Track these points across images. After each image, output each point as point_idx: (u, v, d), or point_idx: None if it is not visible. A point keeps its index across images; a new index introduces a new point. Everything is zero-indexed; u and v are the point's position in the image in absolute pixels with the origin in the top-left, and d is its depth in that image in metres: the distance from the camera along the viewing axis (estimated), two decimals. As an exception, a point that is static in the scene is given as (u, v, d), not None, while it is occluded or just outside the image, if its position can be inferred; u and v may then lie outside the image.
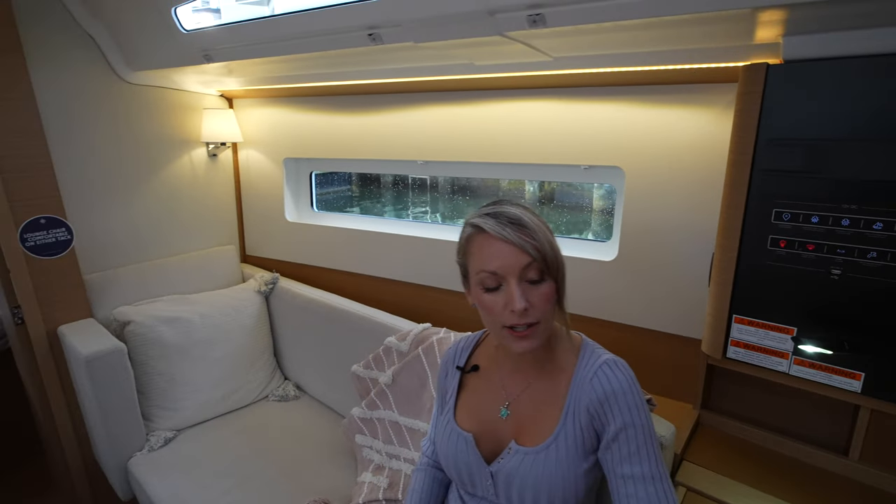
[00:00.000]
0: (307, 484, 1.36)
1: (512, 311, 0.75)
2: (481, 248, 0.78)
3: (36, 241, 1.55)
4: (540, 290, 0.76)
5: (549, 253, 0.76)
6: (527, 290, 0.75)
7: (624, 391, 0.76)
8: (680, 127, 1.22)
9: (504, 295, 0.76)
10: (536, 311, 0.75)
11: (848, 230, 0.90)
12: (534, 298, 0.75)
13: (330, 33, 1.22)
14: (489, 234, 0.76)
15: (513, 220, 0.76)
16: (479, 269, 0.78)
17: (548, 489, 0.78)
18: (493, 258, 0.76)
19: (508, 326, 0.77)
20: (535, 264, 0.75)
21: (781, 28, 0.89)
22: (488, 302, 0.78)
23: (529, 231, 0.75)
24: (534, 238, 0.75)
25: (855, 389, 0.95)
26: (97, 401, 1.45)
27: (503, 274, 0.76)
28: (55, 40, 1.59)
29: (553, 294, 0.77)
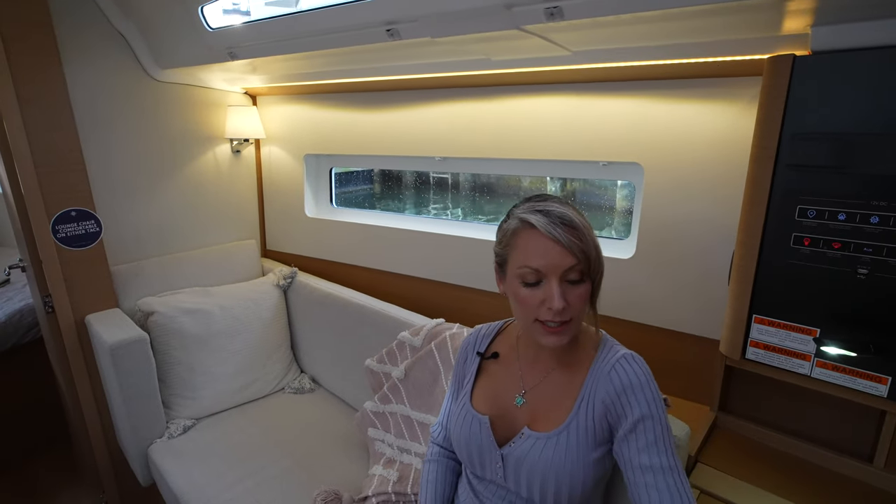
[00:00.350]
0: (320, 475, 1.38)
1: (549, 309, 0.76)
2: (527, 242, 0.78)
3: (67, 232, 1.61)
4: (578, 291, 0.77)
5: (594, 256, 0.77)
6: (566, 289, 0.76)
7: (641, 384, 0.77)
8: (701, 122, 1.19)
9: (542, 291, 0.77)
10: (572, 309, 0.77)
11: (877, 228, 0.86)
12: (571, 298, 0.76)
13: (349, 29, 1.24)
14: (538, 231, 0.76)
15: (564, 221, 0.76)
16: (523, 264, 0.78)
17: (555, 475, 0.79)
18: (539, 256, 0.76)
19: (541, 321, 0.78)
20: (579, 266, 0.75)
21: (810, 18, 0.87)
22: (526, 296, 0.79)
23: (578, 233, 0.76)
24: (581, 240, 0.75)
25: (881, 394, 0.91)
26: (120, 388, 1.50)
27: (546, 272, 0.76)
28: (88, 39, 1.65)
29: (588, 294, 0.78)
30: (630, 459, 0.76)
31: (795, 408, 1.09)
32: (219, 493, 1.33)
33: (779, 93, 0.91)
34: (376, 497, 1.22)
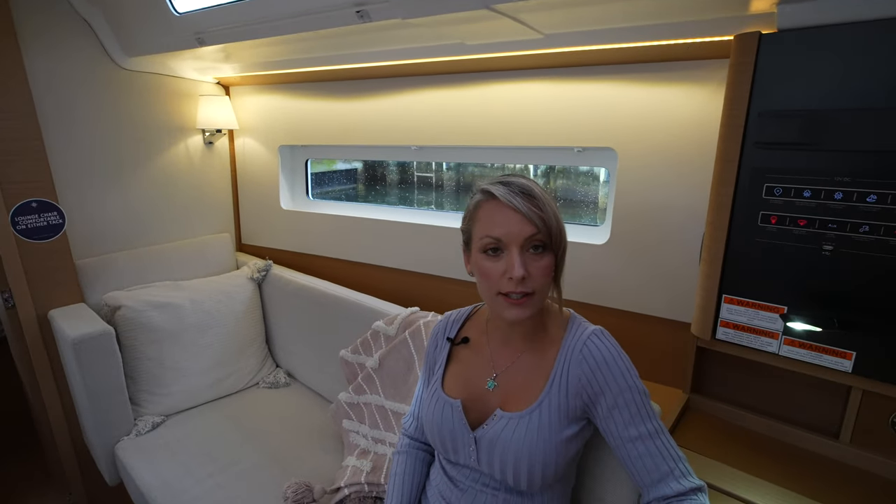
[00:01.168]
0: (293, 468, 1.35)
1: (510, 279, 0.76)
2: (489, 213, 0.78)
3: (27, 224, 1.55)
4: (540, 263, 0.77)
5: (554, 226, 0.77)
6: (527, 259, 0.76)
7: (614, 358, 0.79)
8: (673, 106, 1.19)
9: (504, 262, 0.77)
10: (534, 281, 0.76)
11: (840, 204, 0.87)
12: (533, 269, 0.76)
13: (318, 11, 1.21)
14: (499, 201, 0.77)
15: (524, 190, 0.77)
16: (484, 235, 0.78)
17: (528, 454, 0.78)
18: (499, 224, 0.77)
19: (503, 293, 0.77)
20: (539, 236, 0.76)
21: (774, -3, 0.87)
22: (487, 268, 0.79)
23: (538, 202, 0.76)
24: (541, 209, 0.76)
25: (846, 369, 0.92)
26: (84, 384, 1.44)
27: (507, 241, 0.77)
28: (50, 24, 1.59)
29: (551, 268, 0.78)
30: (619, 435, 0.78)
31: (766, 388, 1.10)
32: (187, 490, 1.29)
33: (746, 70, 0.92)
34: (349, 488, 1.20)
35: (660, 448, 0.76)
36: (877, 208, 0.84)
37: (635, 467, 0.77)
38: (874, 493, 0.91)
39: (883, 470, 0.95)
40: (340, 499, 1.19)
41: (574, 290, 1.41)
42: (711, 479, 0.94)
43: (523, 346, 0.87)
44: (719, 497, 0.91)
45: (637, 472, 0.77)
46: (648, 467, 0.76)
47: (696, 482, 0.76)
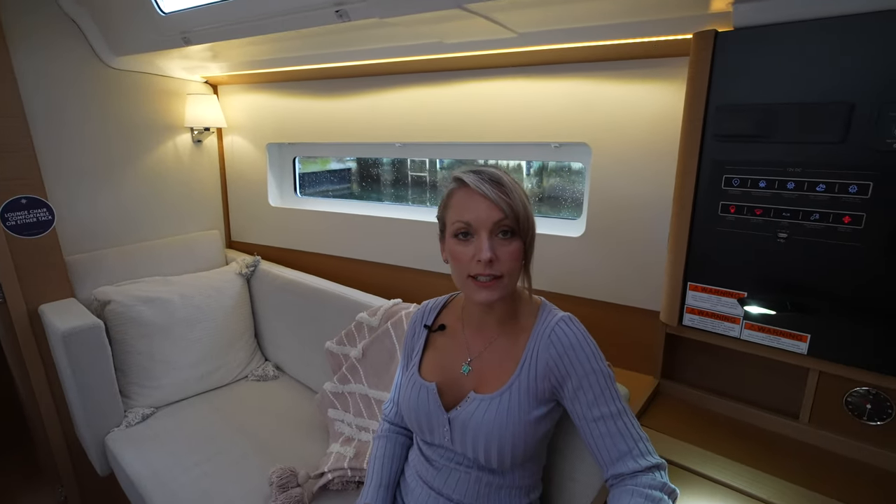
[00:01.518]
0: (279, 456, 1.38)
1: (479, 261, 0.80)
2: (461, 200, 0.83)
3: (17, 220, 1.58)
4: (508, 247, 0.81)
5: (521, 213, 0.81)
6: (496, 244, 0.81)
7: (580, 342, 0.83)
8: (643, 102, 1.24)
9: (474, 246, 0.81)
10: (502, 265, 0.81)
11: (793, 193, 0.91)
12: (501, 253, 0.81)
13: (298, 11, 1.25)
14: (469, 188, 0.82)
15: (493, 178, 0.81)
16: (456, 220, 0.83)
17: (498, 433, 0.83)
18: (469, 210, 0.81)
19: (473, 276, 0.82)
20: (507, 221, 0.80)
21: (731, -4, 0.92)
22: (459, 252, 0.83)
23: (506, 190, 0.81)
24: (509, 196, 0.80)
25: (802, 351, 0.97)
26: (75, 377, 1.48)
27: (476, 226, 0.81)
28: (36, 23, 1.62)
29: (520, 253, 0.82)
30: (583, 415, 0.82)
31: (732, 372, 1.14)
32: (176, 478, 1.33)
33: (703, 67, 0.96)
34: (332, 473, 1.24)
35: (620, 428, 0.80)
36: (825, 197, 0.88)
37: (597, 446, 0.81)
38: (830, 469, 0.95)
39: (839, 447, 0.99)
40: (324, 483, 1.23)
41: (551, 282, 1.45)
42: (676, 457, 0.98)
43: (496, 331, 0.91)
44: (683, 473, 0.95)
45: (598, 450, 0.81)
46: (608, 446, 0.80)
47: (655, 460, 0.80)
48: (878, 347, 0.89)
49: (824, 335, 0.94)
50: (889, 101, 0.80)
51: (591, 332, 0.86)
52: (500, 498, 0.89)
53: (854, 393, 0.97)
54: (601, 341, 0.86)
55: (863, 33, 0.81)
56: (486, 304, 0.85)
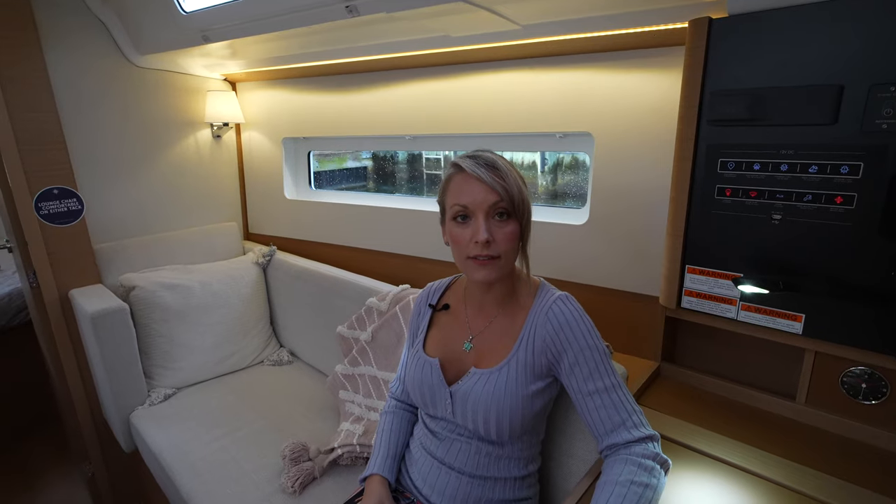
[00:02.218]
0: (292, 434, 1.45)
1: (476, 242, 0.84)
2: (458, 184, 0.87)
3: (49, 209, 1.68)
4: (504, 229, 0.85)
5: (517, 195, 0.84)
6: (493, 226, 0.85)
7: (576, 319, 0.87)
8: (643, 91, 1.26)
9: (472, 228, 0.85)
10: (498, 245, 0.85)
11: (786, 175, 0.93)
12: (497, 234, 0.84)
13: (310, 7, 1.30)
14: (466, 173, 0.86)
15: (488, 163, 0.85)
16: (454, 203, 0.87)
17: (496, 406, 0.87)
18: (466, 193, 0.85)
19: (472, 257, 0.86)
20: (503, 203, 0.84)
21: (726, -16, 0.94)
22: (458, 234, 0.87)
23: (501, 173, 0.84)
24: (504, 180, 0.84)
25: (797, 331, 0.98)
26: (102, 356, 1.56)
27: (473, 209, 0.85)
28: (68, 25, 1.72)
29: (516, 234, 0.86)
30: (578, 389, 0.85)
31: (730, 354, 1.16)
32: (195, 450, 1.40)
33: (698, 53, 0.99)
34: (342, 448, 1.29)
35: (614, 401, 0.84)
36: (818, 178, 0.90)
37: (591, 419, 0.85)
38: (825, 447, 0.97)
39: (835, 427, 1.01)
40: (334, 458, 1.29)
41: (556, 269, 1.49)
42: (673, 433, 1.01)
43: (496, 310, 0.96)
44: (678, 449, 0.97)
45: (593, 423, 0.85)
46: (603, 419, 0.84)
47: (648, 432, 0.82)
48: (871, 326, 0.90)
49: (818, 315, 0.96)
50: (877, 83, 0.82)
51: (594, 317, 0.90)
52: (498, 468, 0.93)
53: (849, 373, 0.99)
54: (604, 326, 0.90)
55: (851, 17, 0.83)
56: (485, 282, 0.89)
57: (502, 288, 0.94)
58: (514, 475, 0.94)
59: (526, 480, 0.96)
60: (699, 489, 0.85)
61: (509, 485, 0.93)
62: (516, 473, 0.94)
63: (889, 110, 0.81)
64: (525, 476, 0.95)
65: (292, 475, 1.23)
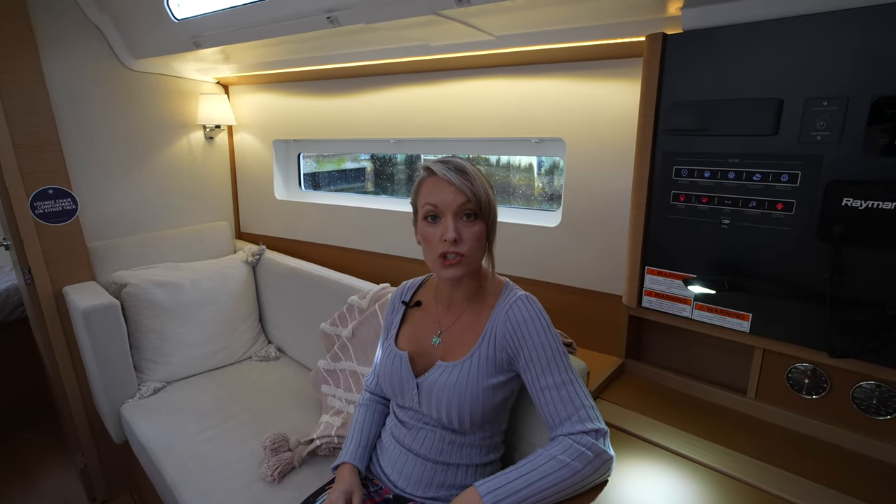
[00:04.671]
0: (275, 426, 1.50)
1: (445, 241, 0.90)
2: (429, 187, 0.94)
3: (45, 209, 1.74)
4: (471, 229, 0.91)
5: (483, 197, 0.91)
6: (460, 225, 0.91)
7: (532, 318, 0.92)
8: (611, 100, 1.32)
9: (441, 227, 0.92)
10: (465, 244, 0.91)
11: (733, 182, 0.99)
12: (465, 234, 0.91)
13: (293, 18, 1.36)
14: (437, 176, 0.92)
15: (457, 167, 0.91)
16: (425, 203, 0.94)
17: (458, 397, 0.93)
18: (436, 195, 0.92)
19: (441, 255, 0.92)
20: (470, 205, 0.90)
21: (681, 1, 1.00)
22: (429, 233, 0.94)
23: (469, 177, 0.91)
24: (471, 183, 0.90)
25: (745, 329, 1.04)
26: (94, 351, 1.62)
27: (442, 208, 0.91)
28: (63, 29, 1.78)
29: (482, 234, 0.92)
30: (533, 384, 0.91)
31: (688, 352, 1.22)
32: (181, 441, 1.46)
33: (654, 66, 1.04)
34: (320, 439, 1.35)
35: (563, 396, 0.89)
36: (761, 186, 0.96)
37: (545, 412, 0.91)
38: (772, 439, 1.03)
39: (781, 420, 1.07)
40: (313, 448, 1.35)
41: (529, 270, 1.55)
42: (629, 426, 1.07)
43: (464, 306, 1.02)
44: (633, 440, 1.03)
45: (546, 416, 0.91)
46: (553, 412, 0.90)
47: (595, 425, 0.87)
48: (810, 325, 0.96)
49: (764, 314, 1.02)
50: (812, 97, 0.88)
51: (565, 316, 0.96)
52: (461, 454, 0.99)
53: (794, 369, 1.04)
54: (574, 325, 0.95)
55: (789, 36, 0.89)
56: (453, 279, 0.95)
57: (470, 285, 1.01)
58: (476, 462, 1.00)
59: (488, 468, 1.02)
60: (649, 478, 0.91)
61: (471, 471, 0.99)
62: (477, 461, 1.00)
63: (823, 123, 0.87)
64: (487, 463, 1.01)
65: (272, 465, 1.29)
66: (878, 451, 0.95)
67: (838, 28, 0.84)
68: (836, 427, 1.00)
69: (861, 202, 0.86)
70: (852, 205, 0.87)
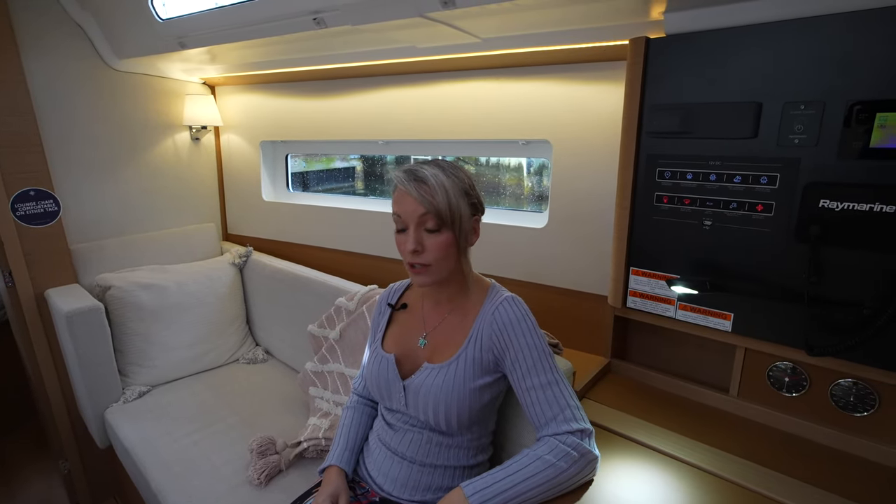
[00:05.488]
0: (262, 429, 1.49)
1: (407, 251, 0.90)
2: (396, 196, 0.94)
3: (26, 210, 1.71)
4: (436, 239, 0.90)
5: (444, 208, 0.88)
6: (424, 236, 0.90)
7: (518, 320, 0.93)
8: (596, 102, 1.33)
9: (406, 237, 0.92)
10: (429, 254, 0.90)
11: (715, 185, 1.01)
12: (429, 244, 0.90)
13: (280, 19, 1.36)
14: (399, 186, 0.92)
15: (417, 178, 0.90)
16: (393, 212, 0.94)
17: (445, 399, 0.93)
18: (399, 205, 0.92)
19: (409, 263, 0.92)
20: (429, 215, 0.89)
21: (664, 6, 1.01)
22: (398, 241, 0.94)
23: (429, 188, 0.88)
24: (432, 195, 0.88)
25: (726, 329, 1.06)
26: (77, 355, 1.60)
27: (405, 219, 0.91)
28: (45, 28, 1.75)
29: (447, 243, 0.91)
30: (519, 385, 0.92)
31: (672, 351, 1.24)
32: (166, 445, 1.44)
33: (637, 70, 1.06)
34: (308, 442, 1.35)
35: (549, 397, 0.90)
36: (741, 188, 0.98)
37: (530, 412, 0.92)
38: (753, 436, 1.04)
39: (762, 417, 1.09)
40: (300, 451, 1.34)
41: (516, 270, 1.55)
42: (614, 425, 1.08)
43: (449, 308, 1.02)
44: (617, 439, 1.04)
45: (532, 416, 0.92)
46: (538, 412, 0.90)
47: (580, 425, 0.88)
48: (790, 324, 0.98)
49: (745, 314, 1.03)
50: (790, 101, 0.89)
51: (550, 317, 0.97)
52: (447, 456, 0.99)
53: (775, 367, 1.06)
54: (561, 325, 0.96)
55: (767, 41, 0.90)
56: (422, 286, 0.96)
57: (453, 288, 1.01)
58: (463, 464, 1.00)
59: (475, 469, 1.02)
60: (634, 477, 0.92)
61: (458, 473, 1.00)
62: (465, 462, 1.00)
63: (800, 126, 0.89)
64: (474, 465, 1.02)
65: (259, 468, 1.28)
66: (855, 447, 0.98)
67: (815, 34, 0.86)
68: (816, 424, 1.02)
69: (837, 204, 0.88)
70: (829, 206, 0.89)
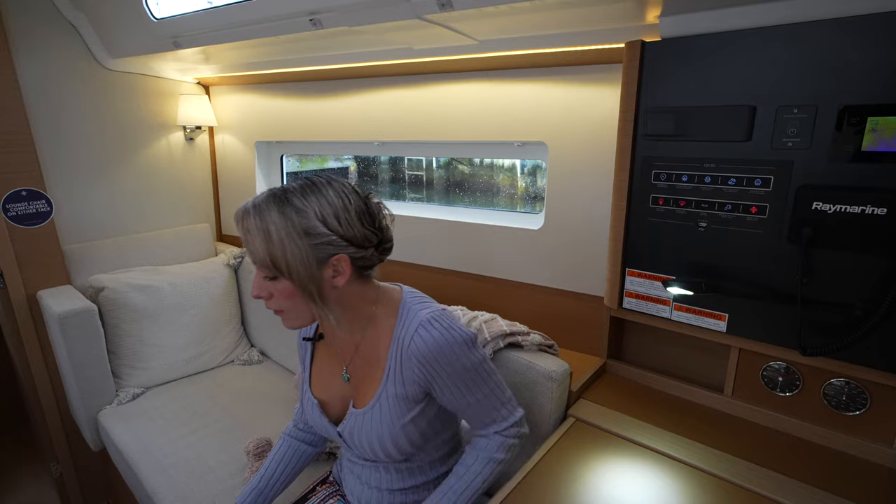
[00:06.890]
0: (258, 431, 1.49)
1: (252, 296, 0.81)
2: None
3: (17, 211, 1.69)
4: (276, 286, 0.78)
5: (266, 260, 0.75)
6: (265, 283, 0.79)
7: (440, 347, 0.81)
8: (592, 104, 1.34)
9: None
10: (276, 301, 0.80)
11: (709, 187, 1.02)
12: (273, 290, 0.79)
13: (276, 19, 1.36)
14: None
15: (244, 228, 0.76)
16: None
17: (379, 439, 0.87)
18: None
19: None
20: (258, 263, 0.77)
21: (659, 10, 1.02)
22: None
23: (251, 237, 0.75)
24: (252, 245, 0.75)
25: (721, 329, 1.07)
26: (69, 357, 1.58)
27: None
28: (38, 27, 1.73)
29: (288, 290, 0.78)
30: (455, 404, 0.87)
31: (668, 351, 1.25)
32: (161, 448, 1.43)
33: (633, 73, 1.07)
34: (304, 443, 1.34)
35: (486, 406, 0.89)
36: (736, 190, 0.99)
37: (470, 422, 0.93)
38: (747, 435, 1.06)
39: (756, 417, 1.10)
40: (296, 453, 1.33)
41: (512, 271, 1.56)
42: (606, 424, 1.09)
43: (359, 335, 0.90)
44: (613, 439, 1.05)
45: (472, 423, 0.93)
46: (479, 421, 0.92)
47: (516, 416, 0.93)
48: (783, 325, 0.99)
49: (740, 314, 1.05)
50: (783, 104, 0.91)
51: (546, 317, 0.95)
52: (413, 477, 0.96)
53: (768, 367, 1.08)
54: (556, 326, 0.95)
55: (760, 45, 0.92)
56: (290, 328, 0.86)
57: (350, 313, 0.88)
58: (431, 477, 0.97)
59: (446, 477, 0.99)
60: (629, 476, 0.93)
61: (431, 486, 0.97)
62: (432, 476, 0.97)
63: (793, 129, 0.90)
64: (444, 473, 0.98)
65: (255, 469, 1.28)
66: (847, 446, 0.99)
67: (808, 39, 0.87)
68: (809, 423, 1.03)
69: (830, 206, 0.89)
70: (822, 209, 0.90)
